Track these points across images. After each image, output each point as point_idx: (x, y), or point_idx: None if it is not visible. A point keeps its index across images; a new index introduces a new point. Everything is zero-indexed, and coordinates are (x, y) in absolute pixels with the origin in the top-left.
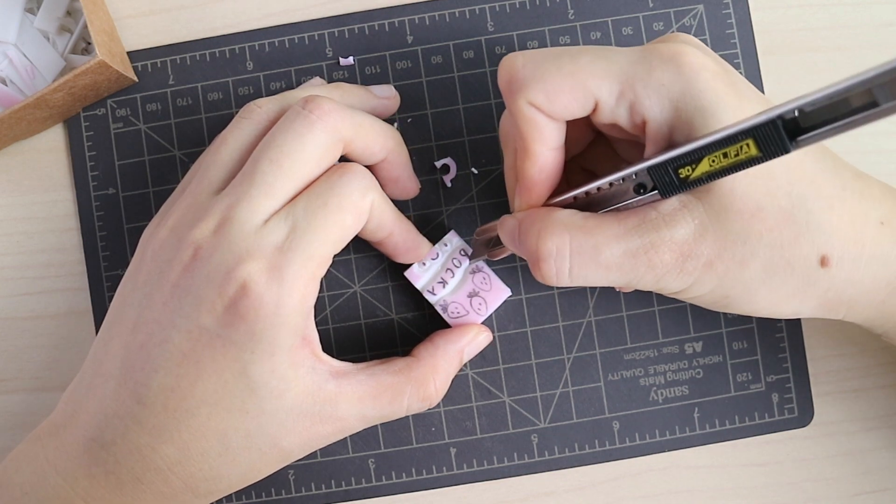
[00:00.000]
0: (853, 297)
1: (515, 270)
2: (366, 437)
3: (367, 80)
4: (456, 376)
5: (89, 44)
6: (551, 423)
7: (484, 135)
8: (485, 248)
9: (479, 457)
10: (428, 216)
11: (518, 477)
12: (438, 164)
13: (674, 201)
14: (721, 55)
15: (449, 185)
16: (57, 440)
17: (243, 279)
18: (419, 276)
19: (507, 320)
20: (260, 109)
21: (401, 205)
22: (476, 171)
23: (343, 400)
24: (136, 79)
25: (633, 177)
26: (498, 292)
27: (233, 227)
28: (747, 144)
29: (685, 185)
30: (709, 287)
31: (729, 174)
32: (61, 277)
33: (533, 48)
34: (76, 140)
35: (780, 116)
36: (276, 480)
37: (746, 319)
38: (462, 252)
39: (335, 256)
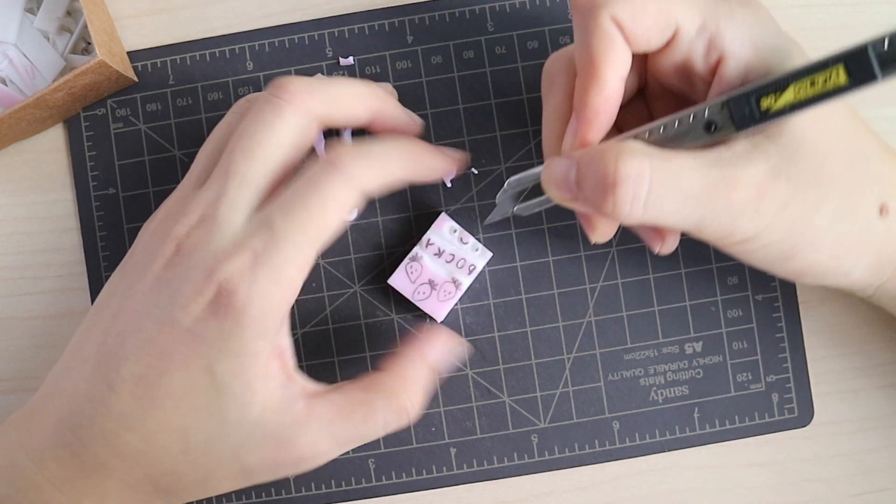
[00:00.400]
0: None
1: (515, 271)
2: None
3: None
4: (456, 376)
5: (89, 44)
6: (551, 423)
7: (484, 135)
8: (513, 203)
9: (479, 457)
10: (428, 216)
11: (518, 477)
12: None
13: (745, 143)
14: None
15: (449, 185)
16: (31, 423)
17: (220, 278)
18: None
19: (507, 320)
20: (248, 103)
21: (402, 205)
22: (476, 171)
23: (314, 421)
24: (136, 79)
25: (705, 112)
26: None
27: (213, 225)
28: (837, 71)
29: (765, 117)
30: (780, 232)
31: (812, 105)
32: (61, 277)
33: (533, 48)
34: (76, 140)
35: (871, 44)
36: (275, 480)
37: (747, 319)
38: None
39: (334, 255)
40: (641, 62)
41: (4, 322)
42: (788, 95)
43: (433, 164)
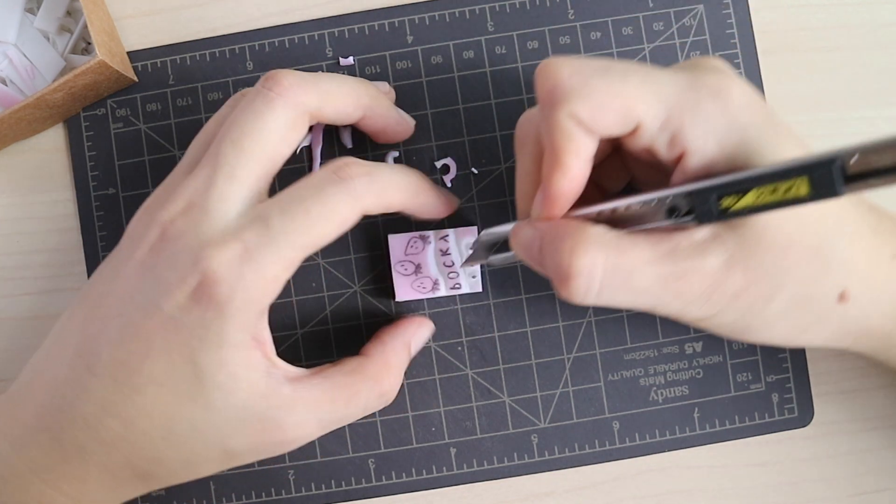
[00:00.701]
0: (861, 329)
1: (515, 270)
2: (366, 437)
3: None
4: (456, 376)
5: (89, 44)
6: (551, 423)
7: (484, 135)
8: (486, 253)
9: (479, 457)
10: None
11: (518, 477)
12: (438, 164)
13: (705, 231)
14: (721, 55)
15: (449, 185)
16: (12, 408)
17: (204, 267)
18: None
19: (507, 320)
20: (242, 96)
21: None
22: (476, 171)
23: (299, 405)
24: (136, 79)
25: (668, 199)
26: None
27: (201, 214)
28: (799, 183)
29: (724, 215)
30: (731, 318)
31: (771, 210)
32: (61, 277)
33: (533, 48)
34: (76, 140)
35: (837, 159)
36: (276, 480)
37: None
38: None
39: (334, 255)
40: None
41: (4, 322)
42: (749, 198)
43: (432, 203)
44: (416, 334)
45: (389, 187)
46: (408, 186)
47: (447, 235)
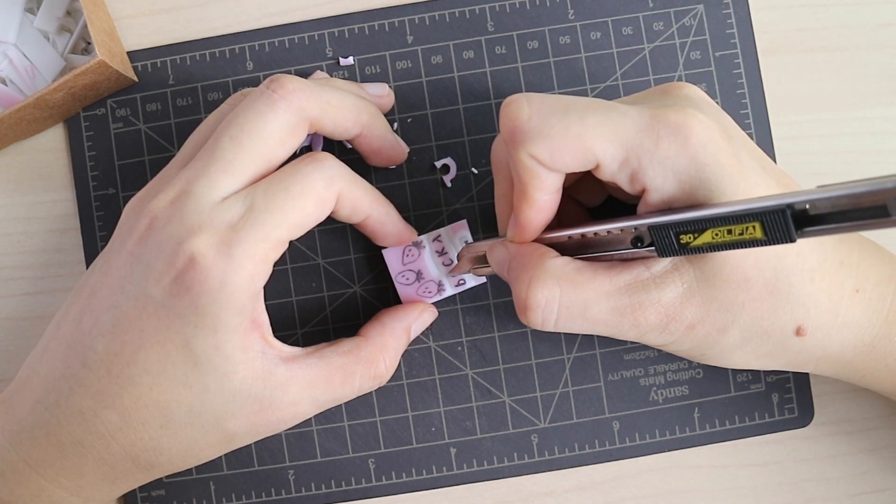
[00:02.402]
0: (821, 358)
1: None
2: (366, 437)
3: (367, 80)
4: (456, 376)
5: (89, 44)
6: (551, 423)
7: (484, 135)
8: (470, 264)
9: (479, 457)
10: (428, 216)
11: (518, 477)
12: (438, 164)
13: (666, 262)
14: (721, 55)
15: (449, 185)
16: (9, 405)
17: (192, 251)
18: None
19: (507, 320)
20: (243, 96)
21: (402, 205)
22: (476, 171)
23: (294, 384)
24: (136, 79)
25: (633, 229)
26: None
27: (188, 200)
28: (753, 227)
29: (684, 251)
30: (687, 346)
31: (728, 249)
32: (61, 277)
33: (533, 48)
34: (76, 140)
35: (790, 206)
36: (276, 480)
37: None
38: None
39: (334, 255)
40: None
41: (4, 322)
42: (706, 237)
43: (395, 223)
44: (418, 319)
45: (361, 183)
46: (378, 199)
47: (439, 236)
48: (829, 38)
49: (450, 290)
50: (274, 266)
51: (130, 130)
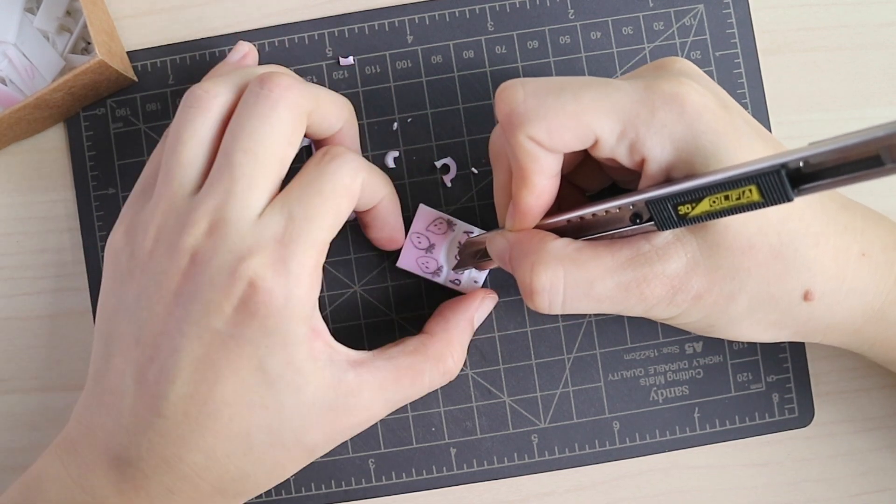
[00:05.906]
0: (830, 326)
1: None
2: (366, 437)
3: (367, 80)
4: (456, 376)
5: (89, 44)
6: (551, 423)
7: (484, 135)
8: (472, 260)
9: (479, 457)
10: None
11: (518, 477)
12: (438, 164)
13: (668, 234)
14: (721, 55)
15: (449, 185)
16: (77, 458)
17: (249, 276)
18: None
19: (507, 320)
20: (208, 94)
21: (402, 205)
22: (476, 171)
23: (366, 389)
24: (135, 79)
25: (631, 206)
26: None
27: (227, 227)
28: (749, 190)
29: (683, 222)
30: (695, 317)
31: (728, 216)
32: (61, 277)
33: (533, 48)
34: (76, 140)
35: (784, 165)
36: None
37: None
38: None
39: (334, 255)
40: None
41: (4, 322)
42: (704, 206)
43: (399, 212)
44: (479, 308)
45: (376, 172)
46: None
47: (472, 232)
48: (829, 38)
49: (442, 279)
50: None
51: (130, 130)
